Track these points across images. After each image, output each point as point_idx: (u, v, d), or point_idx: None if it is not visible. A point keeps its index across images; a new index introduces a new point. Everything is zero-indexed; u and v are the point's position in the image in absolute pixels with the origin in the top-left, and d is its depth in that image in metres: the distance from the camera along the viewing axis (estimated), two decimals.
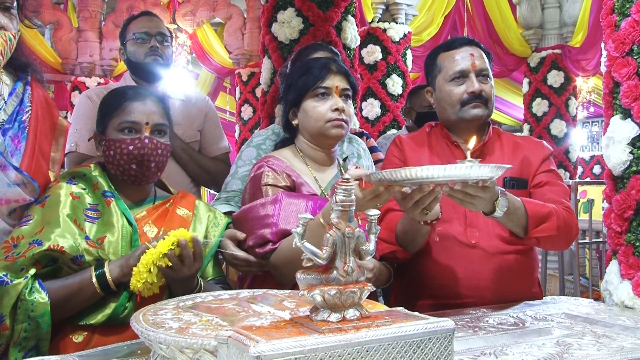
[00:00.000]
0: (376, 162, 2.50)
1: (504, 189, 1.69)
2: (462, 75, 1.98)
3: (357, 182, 1.49)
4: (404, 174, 1.36)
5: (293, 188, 1.86)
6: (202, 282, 1.73)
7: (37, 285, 1.56)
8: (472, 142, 1.58)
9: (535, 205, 1.84)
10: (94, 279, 1.59)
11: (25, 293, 1.53)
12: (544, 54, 8.45)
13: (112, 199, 1.74)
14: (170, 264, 1.57)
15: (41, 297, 1.54)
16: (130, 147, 1.73)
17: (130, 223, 1.73)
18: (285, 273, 1.73)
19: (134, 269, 1.56)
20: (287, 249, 1.71)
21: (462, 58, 1.99)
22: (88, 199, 1.72)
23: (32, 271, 1.56)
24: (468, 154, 1.48)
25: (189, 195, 1.93)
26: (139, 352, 1.34)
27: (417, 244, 1.90)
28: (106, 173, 1.81)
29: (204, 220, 1.87)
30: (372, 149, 2.59)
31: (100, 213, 1.71)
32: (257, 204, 1.81)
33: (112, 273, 1.60)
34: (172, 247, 1.57)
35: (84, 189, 1.73)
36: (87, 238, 1.64)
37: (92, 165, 1.82)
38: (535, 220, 1.82)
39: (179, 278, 1.62)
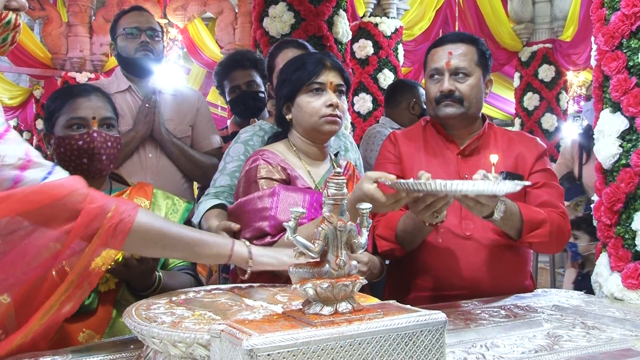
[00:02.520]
0: None
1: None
2: (438, 73, 2.00)
3: (376, 184, 1.53)
4: (433, 187, 1.38)
5: (288, 181, 1.86)
6: (162, 275, 1.74)
7: None
8: (495, 157, 1.59)
9: (530, 211, 1.87)
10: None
11: None
12: (534, 48, 8.46)
13: None
14: (120, 259, 1.58)
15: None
16: (80, 142, 1.76)
17: None
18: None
19: (94, 260, 1.57)
20: (287, 243, 1.71)
21: (439, 57, 2.00)
22: None
23: None
24: (493, 169, 1.51)
25: (147, 185, 1.95)
26: (132, 346, 1.34)
27: (416, 242, 1.92)
28: None
29: (163, 207, 1.89)
30: None
31: None
32: (254, 197, 1.81)
33: None
34: None
35: None
36: None
37: None
38: (530, 226, 1.84)
39: (133, 276, 1.65)
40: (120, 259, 1.57)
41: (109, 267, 1.56)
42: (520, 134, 2.16)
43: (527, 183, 1.53)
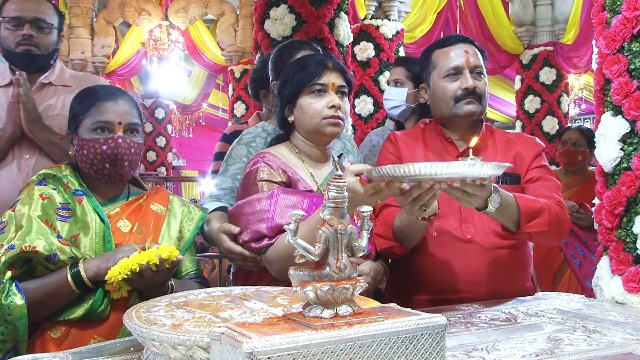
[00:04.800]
0: None
1: (497, 185, 1.70)
2: (457, 72, 1.99)
3: (358, 177, 1.51)
4: (406, 170, 1.35)
5: (289, 184, 1.86)
6: (174, 285, 1.73)
7: (13, 288, 1.56)
8: (474, 140, 1.59)
9: (527, 200, 1.85)
10: (69, 278, 1.60)
11: (2, 297, 1.54)
12: (536, 51, 8.46)
13: (83, 197, 1.75)
14: (137, 269, 1.57)
15: (18, 299, 1.54)
16: (104, 147, 1.74)
17: (102, 220, 1.74)
18: (281, 268, 1.73)
19: (111, 268, 1.58)
20: (283, 245, 1.71)
21: (457, 55, 2.00)
22: (58, 199, 1.72)
23: (8, 275, 1.57)
24: (470, 152, 1.49)
25: (163, 190, 1.93)
26: (132, 349, 1.34)
27: (414, 239, 1.90)
28: (78, 172, 1.82)
29: (179, 214, 1.88)
30: None
31: (72, 212, 1.72)
32: (252, 199, 1.81)
33: (88, 272, 1.61)
34: (152, 261, 1.58)
35: (54, 189, 1.74)
36: (59, 237, 1.65)
37: (62, 166, 1.83)
38: (527, 216, 1.83)
39: (148, 286, 1.64)
40: (137, 269, 1.56)
41: (125, 276, 1.56)
42: (518, 135, 2.17)
43: (509, 165, 1.47)
